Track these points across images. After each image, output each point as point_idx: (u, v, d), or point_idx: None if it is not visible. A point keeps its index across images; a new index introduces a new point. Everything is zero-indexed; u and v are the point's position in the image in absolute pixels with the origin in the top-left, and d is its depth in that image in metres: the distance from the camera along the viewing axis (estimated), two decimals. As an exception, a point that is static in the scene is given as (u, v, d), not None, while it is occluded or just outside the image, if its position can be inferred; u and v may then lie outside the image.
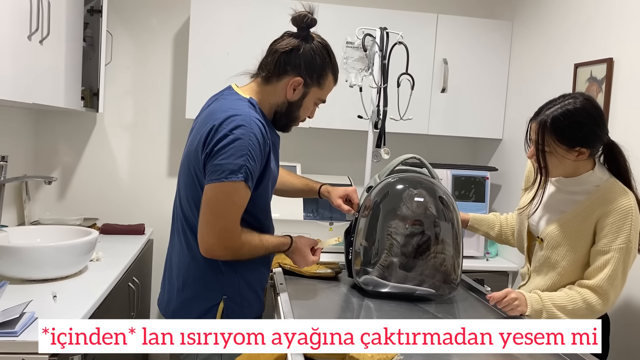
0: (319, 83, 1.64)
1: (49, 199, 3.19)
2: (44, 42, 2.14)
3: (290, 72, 1.60)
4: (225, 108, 1.55)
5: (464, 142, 3.58)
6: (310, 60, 1.60)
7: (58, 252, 1.99)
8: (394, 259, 1.77)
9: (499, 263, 3.06)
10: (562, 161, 1.70)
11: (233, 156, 1.46)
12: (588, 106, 1.67)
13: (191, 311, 1.60)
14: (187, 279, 1.60)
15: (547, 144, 1.69)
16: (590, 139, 1.68)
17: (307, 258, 1.72)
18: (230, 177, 1.46)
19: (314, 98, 1.67)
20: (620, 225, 1.64)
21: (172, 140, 3.29)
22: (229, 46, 2.94)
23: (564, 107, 1.67)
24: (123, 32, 3.21)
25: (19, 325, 1.53)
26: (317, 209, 3.06)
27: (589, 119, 1.66)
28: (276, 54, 1.61)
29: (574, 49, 2.57)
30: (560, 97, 1.71)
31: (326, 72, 1.64)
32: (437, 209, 1.80)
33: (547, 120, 1.67)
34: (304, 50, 1.60)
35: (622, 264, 1.64)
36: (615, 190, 1.68)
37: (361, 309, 1.68)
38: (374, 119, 2.41)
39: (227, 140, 1.47)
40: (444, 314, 1.68)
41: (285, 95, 1.63)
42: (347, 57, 2.29)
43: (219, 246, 1.52)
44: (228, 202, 1.48)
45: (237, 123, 1.49)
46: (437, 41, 3.12)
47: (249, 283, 1.62)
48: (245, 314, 1.61)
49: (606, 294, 1.65)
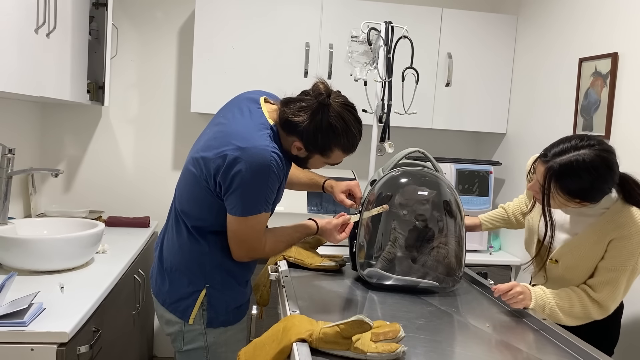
0: (322, 154, 1.62)
1: (54, 191, 3.21)
2: (51, 35, 2.16)
3: (294, 134, 1.58)
4: (245, 136, 1.53)
5: (468, 136, 3.59)
6: (311, 137, 1.56)
7: (65, 244, 2.01)
8: (397, 251, 1.79)
9: (502, 257, 3.07)
10: (562, 205, 1.67)
11: (255, 192, 1.53)
12: (598, 163, 1.55)
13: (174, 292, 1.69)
14: (173, 262, 1.69)
15: (551, 190, 1.61)
16: (592, 195, 1.60)
17: (334, 237, 1.79)
18: (253, 212, 1.55)
19: (320, 162, 1.66)
20: (632, 250, 1.63)
21: (177, 133, 3.31)
22: (234, 40, 2.95)
23: (573, 158, 1.55)
24: (128, 25, 3.22)
25: (28, 316, 1.55)
26: (321, 202, 3.07)
27: (595, 177, 1.55)
28: (285, 115, 1.58)
29: (579, 43, 2.57)
30: (575, 140, 1.59)
31: (330, 148, 1.59)
32: (441, 202, 1.81)
33: (555, 168, 1.58)
34: (307, 126, 1.55)
35: (627, 281, 1.66)
36: (626, 214, 1.64)
37: (365, 302, 1.70)
38: (378, 113, 2.42)
39: (248, 176, 1.49)
40: (447, 307, 1.69)
41: (291, 150, 1.63)
42: (352, 51, 2.29)
43: (248, 258, 1.68)
44: (252, 231, 1.60)
45: (256, 158, 1.49)
46: (441, 35, 3.12)
47: (233, 274, 1.70)
48: (228, 303, 1.70)
49: (607, 308, 1.67)
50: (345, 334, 1.22)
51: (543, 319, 1.59)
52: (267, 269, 1.97)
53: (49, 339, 1.51)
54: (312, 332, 1.25)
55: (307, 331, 1.25)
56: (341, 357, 1.23)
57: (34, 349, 1.51)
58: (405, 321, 1.52)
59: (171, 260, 1.69)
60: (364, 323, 1.21)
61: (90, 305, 1.74)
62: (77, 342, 1.62)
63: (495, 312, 1.69)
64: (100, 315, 1.89)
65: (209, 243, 1.65)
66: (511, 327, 1.58)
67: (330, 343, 1.23)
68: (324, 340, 1.23)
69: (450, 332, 1.50)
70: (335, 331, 1.22)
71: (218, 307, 1.68)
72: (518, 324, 1.60)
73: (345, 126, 1.56)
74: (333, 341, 1.23)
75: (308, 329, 1.26)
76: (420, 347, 1.35)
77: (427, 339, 1.42)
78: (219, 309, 1.68)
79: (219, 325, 1.69)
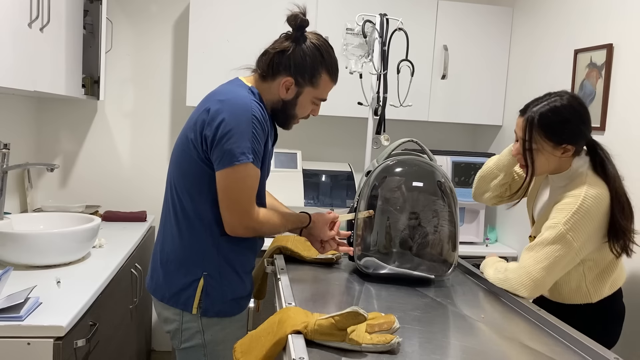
0: (312, 83, 1.67)
1: (51, 186, 3.21)
2: (44, 29, 2.15)
3: (282, 72, 1.65)
4: (224, 91, 1.62)
5: (464, 128, 3.59)
6: (300, 61, 1.63)
7: (61, 239, 2.02)
8: (393, 242, 1.79)
9: (498, 249, 3.08)
10: (548, 158, 1.72)
11: (239, 137, 1.53)
12: (574, 103, 1.70)
13: (173, 285, 1.66)
14: (170, 253, 1.67)
15: (535, 141, 1.71)
16: (577, 136, 1.70)
17: (325, 233, 1.79)
18: (240, 159, 1.53)
19: (309, 97, 1.70)
20: (564, 211, 1.65)
21: (173, 127, 3.30)
22: (229, 33, 2.94)
23: (551, 104, 1.69)
24: (123, 19, 3.21)
25: (24, 310, 1.55)
26: (317, 195, 3.08)
27: (575, 116, 1.69)
28: (269, 55, 1.66)
29: (574, 35, 2.57)
30: (546, 95, 1.74)
31: (319, 72, 1.66)
32: (435, 192, 1.81)
33: (535, 116, 1.70)
34: (293, 52, 1.64)
35: (555, 250, 1.64)
36: (579, 182, 1.69)
37: (361, 294, 1.70)
38: (374, 106, 2.42)
39: (231, 121, 1.53)
40: (442, 298, 1.70)
41: (279, 94, 1.67)
42: (347, 44, 2.29)
43: (240, 226, 1.61)
44: (240, 185, 1.57)
45: (237, 106, 1.55)
46: (437, 27, 3.12)
47: (231, 263, 1.67)
48: (225, 293, 1.67)
49: (530, 273, 1.66)
50: (340, 325, 1.22)
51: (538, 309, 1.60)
52: (263, 262, 1.97)
53: (46, 333, 1.52)
54: (307, 324, 1.25)
55: (302, 323, 1.26)
56: (336, 348, 1.24)
57: (30, 343, 1.51)
58: (401, 313, 1.53)
59: (167, 252, 1.68)
60: (358, 314, 1.22)
61: (86, 299, 1.74)
62: (73, 336, 1.62)
63: (490, 303, 1.70)
64: (97, 309, 1.89)
65: (204, 224, 1.63)
66: (506, 317, 1.59)
67: (326, 334, 1.23)
68: (319, 332, 1.23)
69: (446, 323, 1.50)
70: (330, 323, 1.23)
71: (214, 296, 1.65)
72: (513, 315, 1.61)
73: (326, 46, 1.68)
74: (328, 333, 1.23)
75: (303, 320, 1.27)
76: (415, 338, 1.35)
77: (422, 330, 1.43)
78: (215, 297, 1.65)
79: (213, 315, 1.66)
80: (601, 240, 1.69)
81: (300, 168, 3.13)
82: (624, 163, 2.18)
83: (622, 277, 1.84)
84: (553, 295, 1.84)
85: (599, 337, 1.46)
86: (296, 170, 3.12)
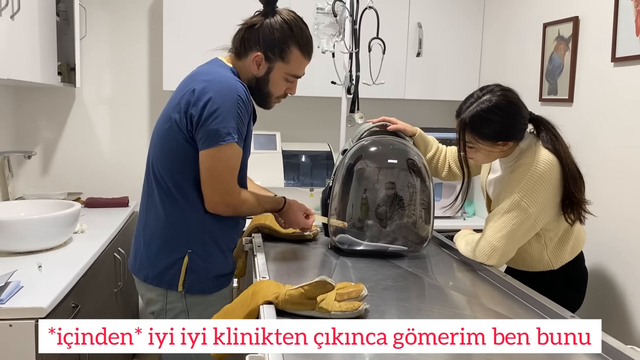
0: (282, 58, 1.68)
1: (32, 175, 3.22)
2: (15, 17, 2.15)
3: (252, 47, 1.67)
4: (208, 71, 1.65)
5: (441, 105, 3.62)
6: (268, 35, 1.65)
7: (41, 224, 2.04)
8: (367, 218, 1.84)
9: (476, 222, 3.14)
10: (488, 154, 1.78)
11: (224, 117, 1.55)
12: (501, 103, 1.70)
13: (157, 264, 1.67)
14: (154, 233, 1.68)
15: (471, 142, 1.76)
16: (511, 133, 1.74)
17: (298, 219, 1.84)
18: (225, 138, 1.56)
19: (281, 73, 1.71)
20: (518, 179, 1.71)
21: (152, 112, 3.31)
22: (204, 16, 2.94)
23: (479, 106, 1.71)
24: (97, 5, 3.19)
25: (5, 294, 1.59)
26: (298, 175, 3.12)
27: (503, 116, 1.71)
28: (241, 31, 1.69)
29: (544, 8, 2.61)
30: (477, 92, 1.76)
31: (289, 46, 1.67)
32: (409, 169, 1.86)
33: (466, 120, 1.73)
34: (262, 26, 1.66)
35: (512, 218, 1.69)
36: (530, 152, 1.74)
37: (336, 267, 1.75)
38: (346, 85, 2.45)
39: (218, 100, 1.55)
40: (414, 268, 1.75)
41: (251, 70, 1.69)
42: (318, 24, 2.31)
43: (221, 204, 1.64)
44: (224, 165, 1.60)
45: (223, 86, 1.58)
46: (411, 5, 3.14)
47: (215, 240, 1.69)
48: (209, 270, 1.69)
49: (492, 244, 1.72)
50: (309, 294, 1.27)
51: (504, 275, 1.66)
52: (242, 240, 2.01)
53: (27, 315, 1.55)
54: (278, 295, 1.30)
55: (273, 294, 1.31)
56: (307, 317, 1.29)
57: (12, 324, 1.55)
58: (373, 283, 1.58)
59: (152, 231, 1.68)
60: (326, 283, 1.27)
61: (68, 282, 1.77)
62: (55, 317, 1.65)
63: (461, 272, 1.76)
64: (80, 292, 1.93)
65: (189, 201, 1.64)
66: (474, 284, 1.65)
67: (296, 304, 1.29)
68: (290, 302, 1.29)
69: (414, 290, 1.56)
70: (299, 292, 1.28)
71: (199, 273, 1.66)
72: (481, 282, 1.67)
73: (297, 21, 1.69)
74: (298, 302, 1.28)
75: (275, 292, 1.32)
76: (384, 305, 1.41)
77: (391, 297, 1.48)
78: (199, 274, 1.66)
79: (197, 292, 1.67)
80: (557, 209, 1.74)
81: (280, 149, 3.16)
82: (590, 133, 2.24)
83: (582, 242, 1.89)
84: (518, 265, 1.90)
85: (563, 301, 1.52)
86: (276, 152, 3.15)
